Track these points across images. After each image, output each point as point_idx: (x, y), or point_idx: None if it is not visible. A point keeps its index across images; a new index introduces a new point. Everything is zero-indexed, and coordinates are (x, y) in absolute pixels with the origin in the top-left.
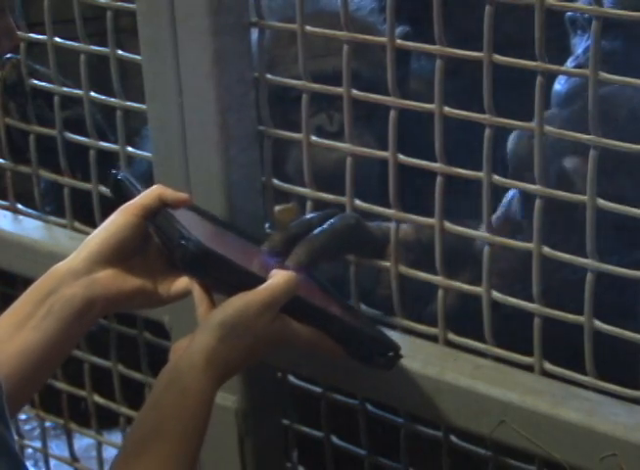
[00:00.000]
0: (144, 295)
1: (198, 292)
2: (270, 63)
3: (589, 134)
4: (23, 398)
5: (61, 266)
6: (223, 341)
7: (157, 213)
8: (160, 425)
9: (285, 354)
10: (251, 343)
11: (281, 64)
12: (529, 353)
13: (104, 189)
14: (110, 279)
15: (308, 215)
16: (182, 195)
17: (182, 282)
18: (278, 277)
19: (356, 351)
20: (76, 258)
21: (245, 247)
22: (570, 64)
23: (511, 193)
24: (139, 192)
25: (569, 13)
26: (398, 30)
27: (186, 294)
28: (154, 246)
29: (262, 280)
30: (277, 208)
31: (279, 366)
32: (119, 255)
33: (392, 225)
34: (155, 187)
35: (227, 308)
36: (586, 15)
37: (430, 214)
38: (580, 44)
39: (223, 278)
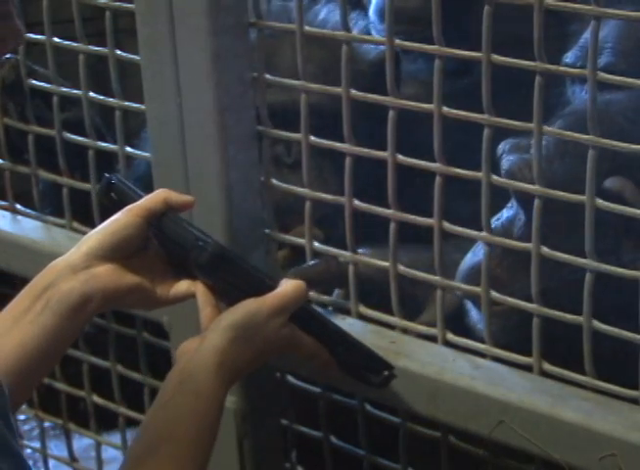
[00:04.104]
0: (142, 293)
1: (202, 295)
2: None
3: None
4: (23, 393)
5: (59, 261)
6: (234, 343)
7: (161, 217)
8: (172, 426)
9: (284, 355)
10: (261, 346)
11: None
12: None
13: None
14: (107, 274)
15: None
16: (187, 198)
17: (183, 285)
18: (288, 285)
19: (352, 366)
20: (75, 254)
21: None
22: (566, 112)
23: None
24: (138, 194)
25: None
26: None
27: (186, 297)
28: (153, 248)
29: (273, 287)
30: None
31: (278, 367)
32: (119, 252)
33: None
34: (160, 190)
35: (238, 311)
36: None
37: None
38: (579, 95)
39: (236, 281)
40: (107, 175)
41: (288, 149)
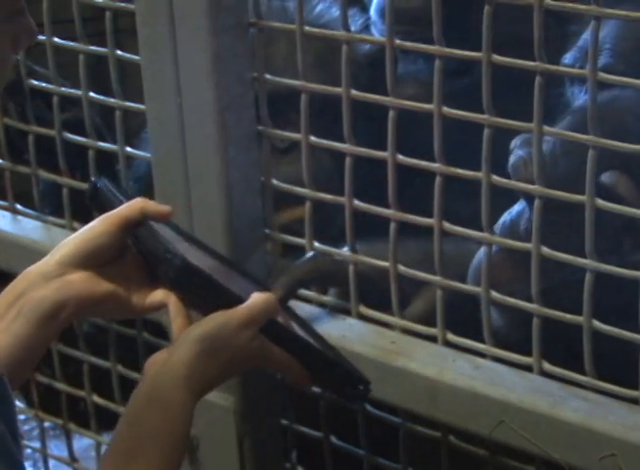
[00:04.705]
0: (116, 302)
1: (174, 306)
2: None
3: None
4: None
5: (32, 269)
6: (202, 355)
7: (138, 226)
8: (141, 442)
9: None
10: (229, 359)
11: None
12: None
13: None
14: (81, 282)
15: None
16: (164, 208)
17: (158, 295)
18: (258, 297)
19: (327, 381)
20: (49, 261)
21: (220, 269)
22: (566, 116)
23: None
24: (119, 201)
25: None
26: None
27: (161, 307)
28: (131, 257)
29: (242, 300)
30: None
31: None
32: (94, 260)
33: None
34: (137, 199)
35: (207, 323)
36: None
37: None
38: (579, 96)
39: (204, 295)
40: (93, 179)
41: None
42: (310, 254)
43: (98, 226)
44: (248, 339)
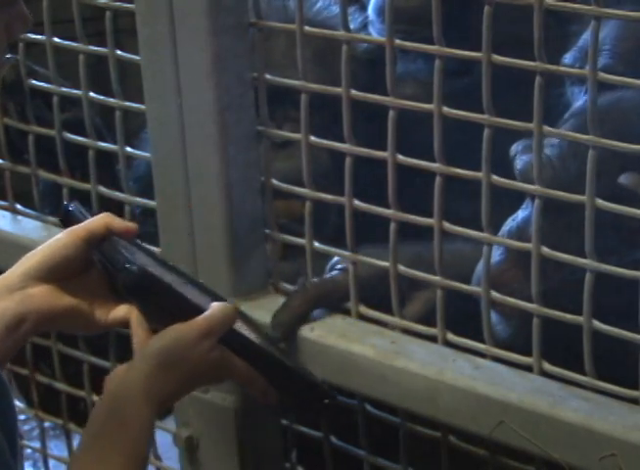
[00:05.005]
0: (78, 316)
1: (135, 321)
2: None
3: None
4: None
5: None
6: (160, 369)
7: (103, 241)
8: (102, 455)
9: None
10: (189, 371)
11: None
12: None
13: (103, 189)
14: (43, 295)
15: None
16: (129, 224)
17: (121, 310)
18: (216, 307)
19: (290, 393)
20: (13, 274)
21: (180, 281)
22: (566, 116)
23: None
24: None
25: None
26: None
27: (124, 322)
28: (96, 272)
29: (202, 310)
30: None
31: None
32: (57, 273)
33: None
34: (102, 215)
35: (164, 337)
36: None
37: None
38: (579, 96)
39: (164, 304)
40: (65, 203)
41: (278, 128)
42: (299, 282)
43: (63, 239)
44: (206, 350)
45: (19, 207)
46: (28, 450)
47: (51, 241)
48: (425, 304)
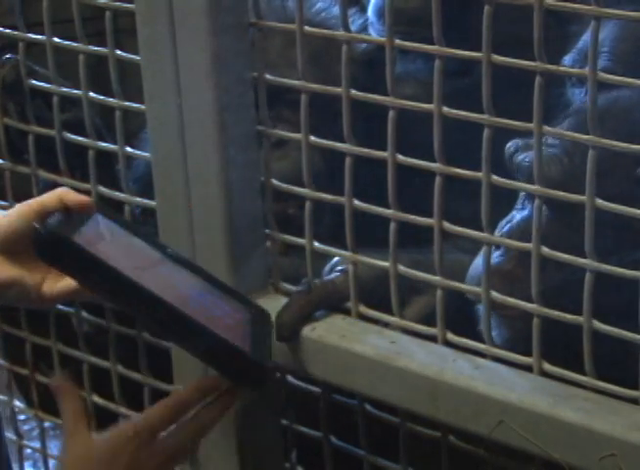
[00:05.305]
0: (21, 287)
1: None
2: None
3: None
4: None
5: None
6: None
7: (53, 214)
8: None
9: (283, 355)
10: None
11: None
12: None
13: (103, 189)
14: None
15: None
16: (84, 198)
17: (68, 280)
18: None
19: (216, 362)
20: None
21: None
22: (564, 115)
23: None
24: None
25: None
26: None
27: (70, 293)
28: None
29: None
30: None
31: (278, 367)
32: (8, 245)
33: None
34: (59, 189)
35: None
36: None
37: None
38: (579, 97)
39: (78, 269)
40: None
41: (273, 126)
42: (303, 283)
43: (13, 211)
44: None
45: None
46: (28, 450)
47: (3, 213)
48: (423, 308)
